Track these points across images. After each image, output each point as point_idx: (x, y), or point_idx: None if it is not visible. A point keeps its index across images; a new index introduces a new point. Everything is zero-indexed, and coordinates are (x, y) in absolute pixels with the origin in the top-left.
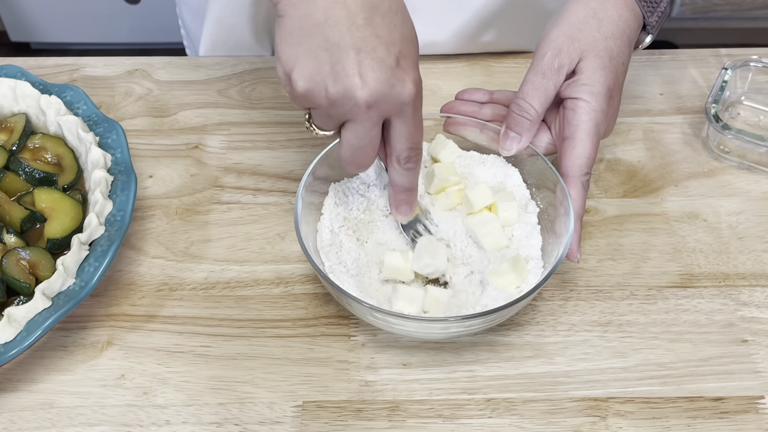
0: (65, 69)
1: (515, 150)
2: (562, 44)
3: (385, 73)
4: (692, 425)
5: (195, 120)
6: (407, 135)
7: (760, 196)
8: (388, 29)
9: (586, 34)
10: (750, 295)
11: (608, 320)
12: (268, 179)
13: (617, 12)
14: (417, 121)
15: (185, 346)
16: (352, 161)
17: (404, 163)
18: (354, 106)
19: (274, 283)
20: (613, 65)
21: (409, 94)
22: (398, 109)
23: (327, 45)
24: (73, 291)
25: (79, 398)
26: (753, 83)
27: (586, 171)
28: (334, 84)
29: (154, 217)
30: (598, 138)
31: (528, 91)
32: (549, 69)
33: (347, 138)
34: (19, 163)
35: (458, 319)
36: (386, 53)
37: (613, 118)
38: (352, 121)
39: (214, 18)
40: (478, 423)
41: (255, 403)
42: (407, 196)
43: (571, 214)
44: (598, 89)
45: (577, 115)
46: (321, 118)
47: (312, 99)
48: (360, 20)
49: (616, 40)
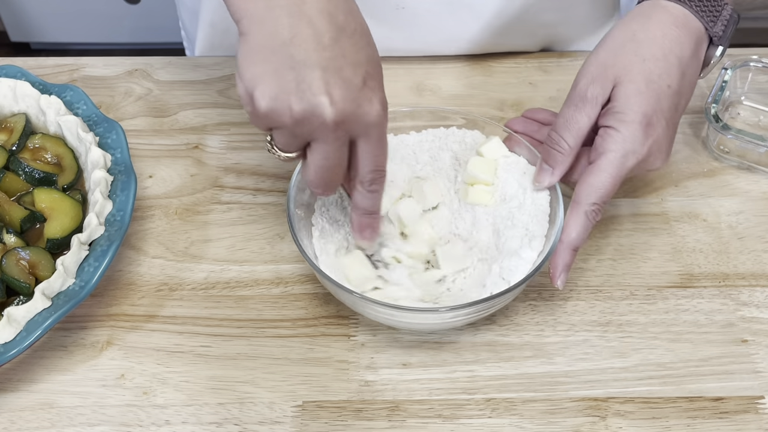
0: (65, 69)
1: (547, 183)
2: (595, 73)
3: (353, 93)
4: (692, 425)
5: (195, 120)
6: (372, 157)
7: (760, 196)
8: (355, 50)
9: (622, 58)
10: (750, 295)
11: (608, 320)
12: (268, 179)
13: (661, 31)
14: (382, 142)
15: (185, 346)
16: (320, 183)
17: (368, 185)
18: (321, 125)
19: (274, 283)
20: (653, 89)
21: (377, 115)
22: (364, 130)
23: (292, 63)
24: (73, 291)
25: (79, 398)
26: (753, 83)
27: (594, 201)
28: (299, 102)
29: (154, 217)
30: (622, 169)
31: (560, 124)
32: (581, 100)
33: (314, 159)
34: (19, 163)
35: (450, 309)
36: (353, 73)
37: (660, 145)
38: (318, 141)
39: (207, 21)
40: (478, 423)
41: (255, 403)
42: (371, 220)
43: (555, 236)
44: (631, 117)
45: (605, 143)
46: (285, 138)
47: (276, 118)
48: (326, 40)
49: (657, 61)
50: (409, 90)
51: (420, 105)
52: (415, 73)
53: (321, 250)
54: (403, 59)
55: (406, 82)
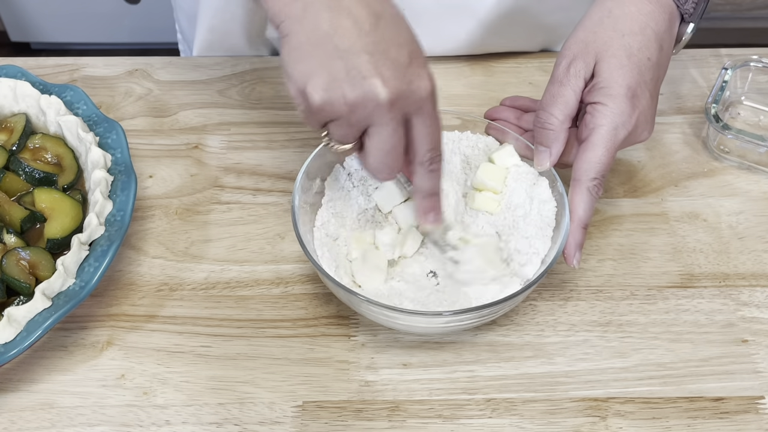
0: (65, 69)
1: (548, 164)
2: (576, 50)
3: (402, 71)
4: (692, 425)
5: (195, 120)
6: (428, 135)
7: (760, 196)
8: (396, 32)
9: (601, 35)
10: (750, 295)
11: (608, 320)
12: (268, 179)
13: (636, 7)
14: (436, 118)
15: (185, 346)
16: (383, 167)
17: (428, 165)
18: (376, 107)
19: (274, 283)
20: (634, 62)
21: (427, 90)
22: (418, 106)
23: (339, 53)
24: (73, 291)
25: (79, 398)
26: (753, 83)
27: (594, 176)
28: (352, 89)
29: (154, 217)
30: (614, 142)
31: (546, 101)
32: (564, 76)
33: (373, 144)
34: (19, 163)
35: (454, 313)
36: (398, 53)
37: (646, 116)
38: (375, 125)
39: (206, 26)
40: (478, 423)
41: (255, 403)
42: (434, 202)
43: (567, 218)
44: (616, 90)
45: (594, 119)
46: (341, 128)
47: (331, 109)
48: (367, 26)
49: (635, 35)
50: None
51: None
52: None
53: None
54: None
55: None
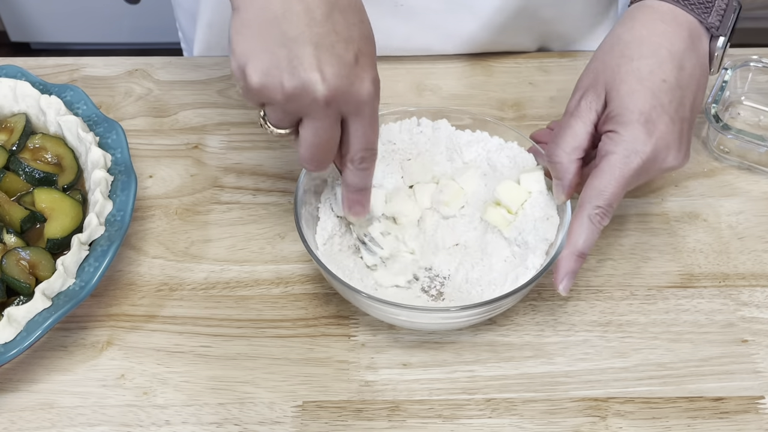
0: (65, 69)
1: (564, 197)
2: (587, 82)
3: (345, 70)
4: (692, 425)
5: (195, 120)
6: (363, 135)
7: (760, 196)
8: (347, 26)
9: (609, 62)
10: (750, 295)
11: (608, 320)
12: (268, 179)
13: (647, 29)
14: (373, 121)
15: (185, 346)
16: (312, 159)
17: (358, 164)
18: (312, 102)
19: (274, 283)
20: (646, 86)
21: (368, 93)
22: (356, 108)
23: (284, 39)
24: (73, 291)
25: (79, 398)
26: (753, 83)
27: (598, 204)
28: (290, 78)
29: (154, 217)
30: (625, 171)
31: (556, 133)
32: (575, 109)
33: (306, 135)
34: (19, 163)
35: (458, 309)
36: (345, 50)
37: (667, 141)
38: (310, 118)
39: (206, 23)
40: (478, 423)
41: (255, 403)
42: (360, 196)
43: (559, 242)
44: (627, 117)
45: (605, 146)
46: (277, 114)
47: (267, 94)
48: (319, 15)
49: (646, 59)
50: (409, 90)
51: (421, 105)
52: (415, 72)
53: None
54: (403, 59)
55: (406, 81)
